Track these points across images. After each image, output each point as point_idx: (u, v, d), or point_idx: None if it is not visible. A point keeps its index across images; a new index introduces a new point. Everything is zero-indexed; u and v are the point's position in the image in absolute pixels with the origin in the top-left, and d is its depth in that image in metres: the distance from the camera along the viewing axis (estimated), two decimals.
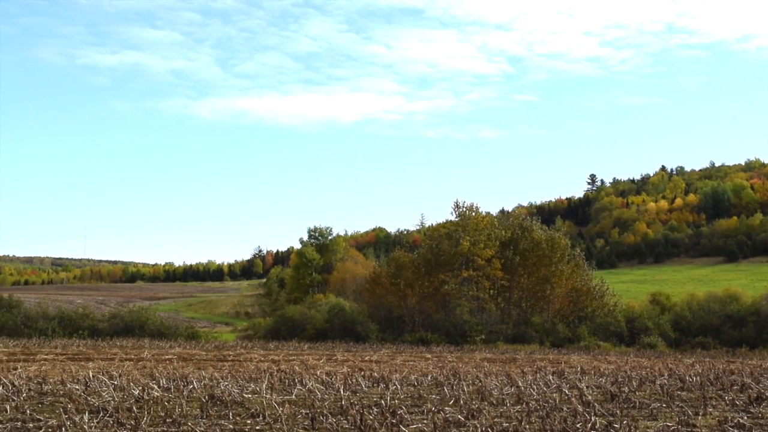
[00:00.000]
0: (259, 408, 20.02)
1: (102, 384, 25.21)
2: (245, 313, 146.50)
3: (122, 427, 17.24)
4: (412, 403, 22.35)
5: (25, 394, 22.78)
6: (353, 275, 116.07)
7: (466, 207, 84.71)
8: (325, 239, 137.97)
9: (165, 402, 20.92)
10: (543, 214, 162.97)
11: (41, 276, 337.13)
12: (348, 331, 75.99)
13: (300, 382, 27.00)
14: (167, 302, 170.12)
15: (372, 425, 17.27)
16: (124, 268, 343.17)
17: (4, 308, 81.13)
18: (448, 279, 79.40)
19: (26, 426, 17.75)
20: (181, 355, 48.19)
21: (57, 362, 40.45)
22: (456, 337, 73.50)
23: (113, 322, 79.78)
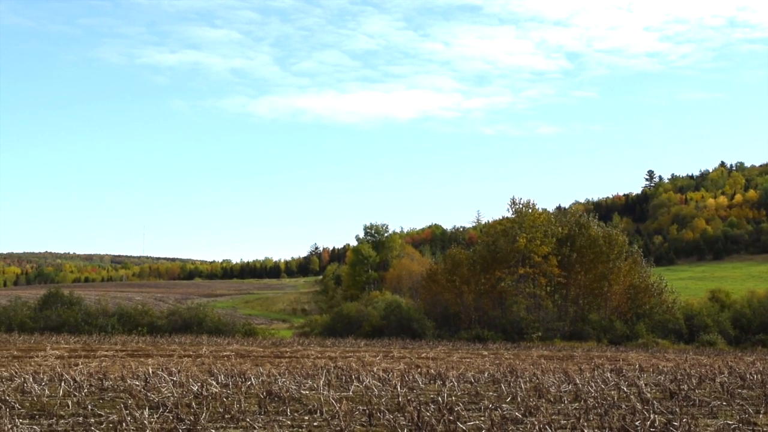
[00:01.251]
0: (316, 404, 20.12)
1: (161, 380, 25.46)
2: (302, 310, 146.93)
3: (182, 422, 17.40)
4: (469, 400, 22.34)
5: (86, 390, 23.09)
6: (409, 272, 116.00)
7: (523, 204, 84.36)
8: (381, 236, 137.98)
9: (223, 398, 21.09)
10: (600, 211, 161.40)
11: (101, 273, 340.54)
12: (404, 328, 75.97)
13: (357, 378, 27.08)
14: (225, 299, 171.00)
15: (429, 422, 17.28)
16: (182, 265, 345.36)
17: (65, 305, 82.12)
18: (505, 276, 79.10)
19: (88, 421, 18.00)
20: (238, 351, 48.50)
21: (117, 358, 40.92)
22: (512, 334, 73.23)
23: (172, 319, 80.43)
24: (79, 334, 69.89)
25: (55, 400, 20.92)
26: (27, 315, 79.16)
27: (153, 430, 15.90)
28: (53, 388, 23.52)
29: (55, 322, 76.79)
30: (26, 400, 20.90)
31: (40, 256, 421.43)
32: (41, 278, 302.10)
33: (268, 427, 17.46)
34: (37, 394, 22.03)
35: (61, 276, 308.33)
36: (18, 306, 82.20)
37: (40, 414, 18.93)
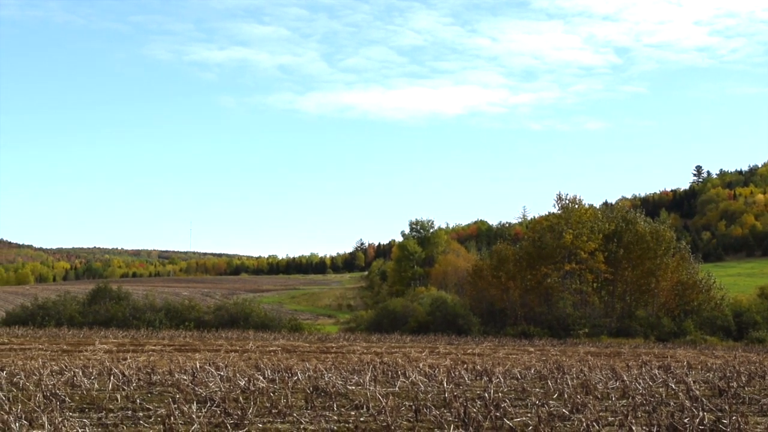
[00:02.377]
0: (362, 400, 20.16)
1: (209, 375, 25.64)
2: (347, 305, 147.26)
3: (229, 417, 17.52)
4: (515, 397, 22.28)
5: (134, 384, 23.31)
6: (455, 268, 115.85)
7: (569, 199, 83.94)
8: (427, 232, 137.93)
9: (270, 393, 21.19)
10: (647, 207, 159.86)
11: (148, 268, 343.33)
12: (450, 324, 75.89)
13: (403, 374, 27.11)
14: (271, 294, 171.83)
15: (476, 418, 17.25)
16: (229, 260, 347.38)
17: (113, 300, 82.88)
18: (551, 272, 78.75)
19: (136, 415, 18.16)
20: (285, 346, 48.72)
21: (164, 353, 41.24)
22: (559, 330, 72.94)
23: (218, 314, 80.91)
24: (127, 329, 70.53)
25: (104, 393, 21.12)
26: (76, 310, 79.98)
27: (201, 424, 16.01)
28: (102, 382, 23.75)
29: (103, 316, 77.53)
30: (76, 394, 21.12)
31: (88, 251, 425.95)
32: (90, 273, 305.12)
33: (314, 422, 17.52)
34: (87, 388, 22.28)
35: (110, 271, 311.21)
36: (67, 301, 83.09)
37: (89, 407, 19.12)
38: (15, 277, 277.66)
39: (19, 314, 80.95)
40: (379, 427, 16.80)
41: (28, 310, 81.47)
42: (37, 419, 16.05)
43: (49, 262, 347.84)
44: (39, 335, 58.95)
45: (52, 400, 19.45)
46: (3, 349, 42.19)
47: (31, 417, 16.41)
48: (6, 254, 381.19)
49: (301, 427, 16.96)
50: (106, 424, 16.97)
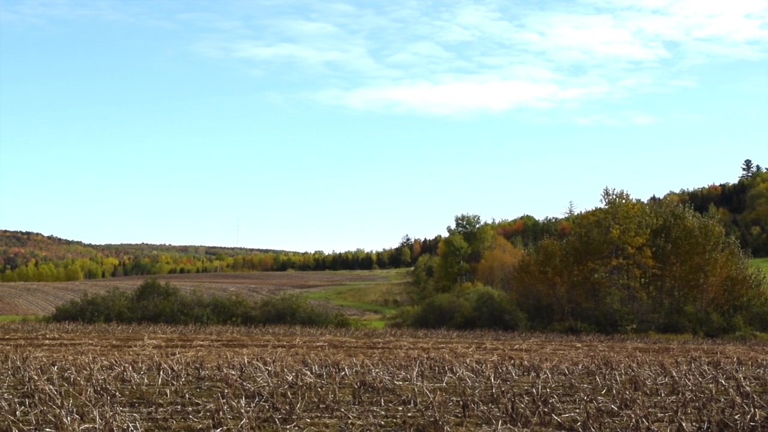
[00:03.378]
0: (410, 395, 20.18)
1: (256, 370, 25.77)
2: (393, 301, 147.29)
3: (277, 411, 17.60)
4: (563, 392, 22.19)
5: (183, 379, 23.48)
6: (501, 263, 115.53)
7: (616, 194, 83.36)
8: (473, 227, 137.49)
9: (318, 388, 21.26)
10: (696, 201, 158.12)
11: (196, 264, 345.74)
12: (496, 319, 75.75)
13: (450, 370, 27.08)
14: (317, 290, 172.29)
15: (524, 413, 17.22)
16: (276, 256, 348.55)
17: (161, 296, 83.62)
18: (598, 267, 78.29)
19: (186, 409, 18.30)
20: (331, 342, 48.84)
21: (212, 348, 41.52)
22: (606, 326, 72.51)
23: (265, 310, 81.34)
24: (175, 324, 71.12)
25: (154, 388, 21.31)
26: (125, 305, 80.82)
27: (250, 418, 16.09)
28: (152, 376, 23.96)
29: (151, 312, 78.25)
30: (126, 389, 21.33)
31: (137, 247, 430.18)
32: (138, 269, 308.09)
33: (362, 417, 17.56)
34: (137, 383, 22.49)
35: (158, 267, 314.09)
36: (116, 296, 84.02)
37: (139, 402, 19.30)
38: (65, 273, 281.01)
39: (69, 310, 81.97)
40: (426, 422, 16.80)
41: (77, 305, 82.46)
42: (88, 414, 16.21)
43: (99, 259, 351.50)
44: (89, 330, 59.58)
45: (102, 394, 19.65)
46: (54, 345, 42.69)
47: (83, 411, 16.60)
48: (56, 250, 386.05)
49: (348, 422, 17.01)
50: (156, 419, 17.12)
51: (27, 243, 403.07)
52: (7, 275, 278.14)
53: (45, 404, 17.73)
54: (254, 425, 15.86)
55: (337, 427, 16.51)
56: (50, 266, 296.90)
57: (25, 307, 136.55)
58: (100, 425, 14.71)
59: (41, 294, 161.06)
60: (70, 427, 14.68)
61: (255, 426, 15.84)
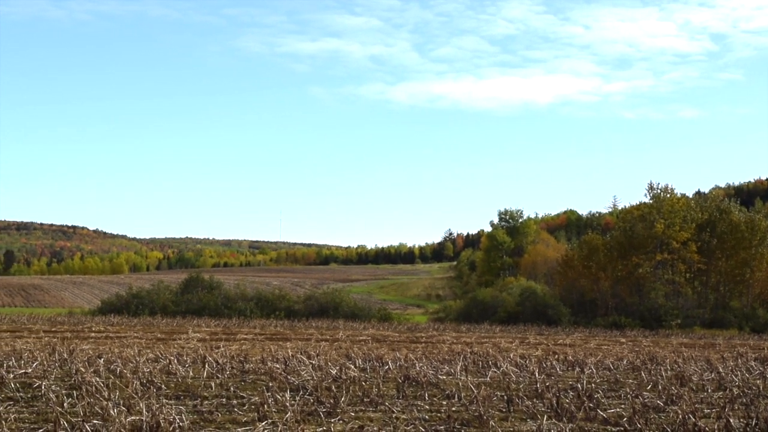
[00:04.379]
0: (454, 389, 20.14)
1: (300, 363, 25.83)
2: (436, 295, 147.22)
3: (322, 405, 17.64)
4: (608, 388, 22.06)
5: (228, 372, 23.59)
6: (544, 258, 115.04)
7: (661, 188, 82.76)
8: (516, 222, 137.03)
9: (362, 382, 21.30)
10: (742, 196, 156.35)
11: (239, 258, 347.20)
12: (540, 314, 75.50)
13: (494, 364, 27.02)
14: (360, 284, 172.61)
15: (569, 409, 17.14)
16: (318, 250, 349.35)
17: (205, 289, 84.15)
18: (642, 262, 77.82)
19: (231, 402, 18.39)
20: (374, 336, 48.90)
21: (256, 342, 41.69)
22: (650, 321, 71.99)
23: (308, 304, 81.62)
24: (219, 318, 71.52)
25: (199, 381, 21.43)
26: (169, 299, 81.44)
27: (294, 412, 16.13)
28: (196, 369, 24.09)
29: (195, 305, 78.77)
30: (171, 381, 21.46)
31: (181, 241, 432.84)
32: (182, 263, 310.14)
33: (406, 411, 17.56)
34: (182, 376, 22.62)
35: (201, 261, 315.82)
36: (160, 290, 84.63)
37: (184, 395, 19.41)
38: (110, 266, 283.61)
39: (114, 303, 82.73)
40: (471, 416, 16.76)
41: (122, 299, 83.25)
42: (135, 406, 16.34)
43: (143, 252, 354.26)
44: (134, 323, 60.10)
45: (148, 387, 19.80)
46: (100, 337, 43.08)
47: (129, 403, 16.72)
48: (101, 244, 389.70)
49: (393, 416, 17.00)
50: (201, 412, 17.21)
51: (73, 237, 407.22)
52: (53, 268, 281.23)
53: (92, 396, 17.89)
54: (299, 418, 15.90)
55: (381, 421, 16.51)
56: (96, 260, 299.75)
57: (71, 300, 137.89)
58: (146, 417, 14.82)
59: (87, 287, 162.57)
60: (117, 419, 14.80)
61: (300, 419, 15.88)
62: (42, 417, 16.30)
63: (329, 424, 15.90)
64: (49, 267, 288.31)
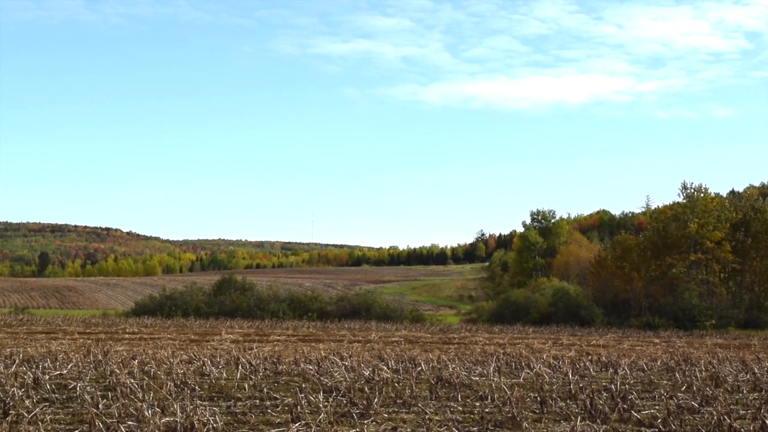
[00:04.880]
0: (487, 391, 20.12)
1: (333, 365, 25.88)
2: (468, 296, 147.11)
3: (355, 406, 17.66)
4: (642, 389, 21.97)
5: (261, 374, 23.67)
6: (577, 258, 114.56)
7: (694, 188, 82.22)
8: (548, 222, 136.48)
9: (395, 383, 21.31)
10: None
11: (271, 260, 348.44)
12: (572, 315, 75.14)
13: (527, 365, 26.95)
14: (392, 285, 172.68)
15: (602, 410, 17.09)
16: (350, 251, 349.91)
17: (238, 291, 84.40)
18: (676, 262, 77.27)
19: (264, 404, 18.46)
20: (407, 337, 48.90)
21: (289, 343, 41.80)
22: (684, 321, 71.47)
23: (341, 305, 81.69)
24: (252, 319, 71.74)
25: (232, 382, 21.51)
26: (202, 300, 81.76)
27: (328, 413, 16.17)
28: (230, 371, 24.19)
29: (228, 307, 79.00)
30: (205, 383, 21.56)
31: (213, 243, 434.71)
32: (215, 264, 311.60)
33: (439, 413, 17.56)
34: (216, 377, 22.72)
35: (234, 262, 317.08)
36: (194, 291, 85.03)
37: (218, 396, 19.51)
38: (143, 268, 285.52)
39: (148, 304, 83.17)
40: (504, 418, 16.74)
41: (156, 300, 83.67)
42: (169, 407, 16.43)
43: (176, 254, 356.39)
44: (167, 325, 60.41)
45: (182, 388, 19.90)
46: (134, 339, 43.34)
47: (163, 405, 16.82)
48: (135, 246, 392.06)
49: (426, 417, 17.01)
50: (235, 413, 17.29)
51: (107, 239, 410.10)
52: (87, 270, 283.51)
53: (127, 397, 18.01)
54: (332, 420, 15.93)
55: (414, 422, 16.52)
56: (129, 261, 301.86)
57: (105, 302, 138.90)
58: (180, 418, 14.90)
59: (120, 289, 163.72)
60: (151, 420, 14.89)
61: (333, 420, 15.91)
62: (77, 418, 16.44)
63: (362, 426, 15.92)
64: (83, 269, 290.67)
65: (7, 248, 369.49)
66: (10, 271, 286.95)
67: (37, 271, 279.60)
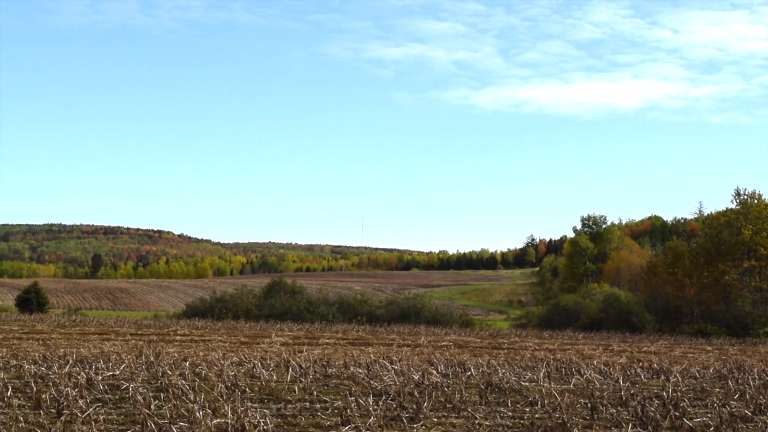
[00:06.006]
0: (537, 396, 20.05)
1: (383, 368, 25.91)
2: (518, 301, 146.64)
3: (404, 410, 17.68)
4: (694, 396, 21.77)
5: (311, 376, 23.76)
6: (628, 264, 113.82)
7: (748, 194, 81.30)
8: (599, 228, 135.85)
9: (444, 387, 21.28)
10: None
11: (321, 263, 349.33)
12: (623, 321, 74.51)
13: (577, 371, 26.81)
14: (441, 290, 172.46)
15: (654, 417, 16.95)
16: (400, 255, 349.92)
17: (288, 294, 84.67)
18: (729, 269, 76.41)
19: (314, 406, 18.53)
20: (456, 342, 48.82)
21: (338, 346, 41.91)
22: (737, 329, 70.65)
23: (390, 309, 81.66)
24: (301, 322, 71.96)
25: (283, 385, 21.62)
26: (252, 303, 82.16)
27: (378, 417, 16.21)
28: (280, 373, 24.30)
29: (278, 310, 79.32)
30: (255, 385, 21.68)
31: (264, 246, 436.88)
32: (265, 267, 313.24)
33: (489, 418, 17.52)
34: (266, 379, 22.84)
35: (284, 265, 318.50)
36: (244, 294, 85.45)
37: (268, 398, 19.62)
38: (194, 270, 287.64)
39: (199, 307, 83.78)
40: (554, 424, 16.67)
41: (206, 302, 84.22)
42: (220, 408, 16.56)
43: (227, 257, 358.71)
44: (218, 327, 60.79)
45: (233, 390, 20.04)
46: (185, 341, 43.68)
47: (214, 406, 16.95)
48: (186, 248, 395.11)
49: (476, 422, 16.99)
50: (285, 415, 17.37)
51: (158, 241, 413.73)
52: (139, 272, 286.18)
53: (178, 398, 18.17)
54: (382, 423, 15.97)
55: (464, 427, 16.51)
56: (180, 264, 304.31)
57: (157, 304, 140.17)
58: (231, 420, 15.02)
59: (172, 291, 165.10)
60: (202, 422, 15.02)
61: (383, 424, 15.95)
62: (130, 418, 16.62)
63: (412, 430, 15.94)
64: (135, 271, 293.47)
65: (61, 250, 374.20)
66: (64, 273, 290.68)
67: (90, 272, 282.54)
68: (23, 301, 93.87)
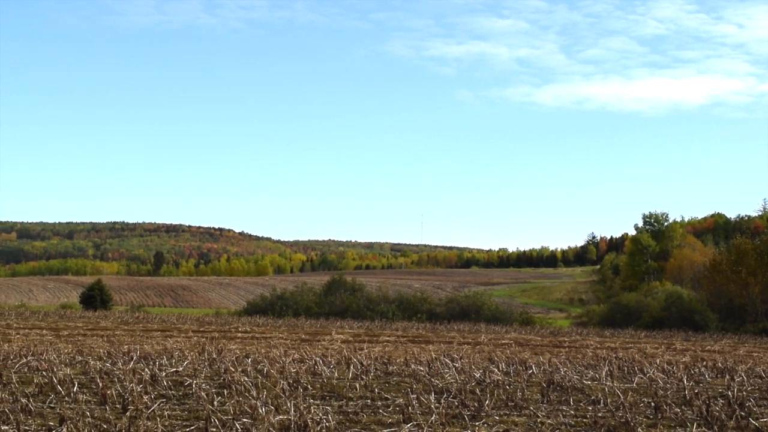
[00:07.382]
0: (599, 395, 19.89)
1: (444, 366, 25.87)
2: (579, 299, 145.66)
3: (466, 408, 17.63)
4: (760, 396, 21.45)
5: (372, 374, 23.77)
6: (690, 262, 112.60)
7: None
8: (661, 225, 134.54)
9: (506, 386, 21.20)
10: None
11: (381, 261, 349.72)
12: (686, 319, 73.80)
13: (640, 370, 26.57)
14: (501, 288, 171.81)
15: (719, 417, 16.74)
16: (459, 253, 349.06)
17: (348, 291, 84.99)
18: None
19: (375, 404, 18.54)
20: (516, 340, 48.62)
21: (398, 344, 41.90)
22: None
23: (450, 307, 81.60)
24: (361, 320, 72.11)
25: (344, 382, 21.65)
26: (312, 300, 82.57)
27: (439, 414, 16.20)
28: (341, 370, 24.36)
29: (338, 307, 79.62)
30: (317, 382, 21.75)
31: (324, 243, 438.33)
32: (325, 265, 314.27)
33: (551, 416, 17.42)
34: (327, 376, 22.91)
35: (344, 263, 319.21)
36: (304, 292, 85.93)
37: (330, 395, 19.67)
38: (255, 268, 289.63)
39: (259, 304, 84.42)
40: (617, 423, 16.53)
41: (267, 300, 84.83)
42: (282, 405, 16.64)
43: (287, 254, 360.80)
44: (278, 324, 61.13)
45: (295, 387, 20.12)
46: (246, 338, 43.99)
47: (277, 403, 17.03)
48: (247, 246, 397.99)
49: (537, 420, 16.90)
50: (346, 412, 17.41)
51: (219, 239, 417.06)
52: (201, 270, 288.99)
53: (241, 395, 18.31)
54: (444, 421, 15.95)
55: (526, 425, 16.43)
56: (241, 261, 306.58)
57: (218, 301, 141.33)
58: (294, 417, 15.09)
59: (233, 288, 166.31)
60: (265, 418, 15.10)
61: (444, 422, 15.92)
62: (193, 414, 16.77)
63: (474, 428, 15.90)
64: (197, 268, 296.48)
65: (124, 248, 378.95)
66: (127, 270, 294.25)
67: (152, 270, 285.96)
68: (87, 299, 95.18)
